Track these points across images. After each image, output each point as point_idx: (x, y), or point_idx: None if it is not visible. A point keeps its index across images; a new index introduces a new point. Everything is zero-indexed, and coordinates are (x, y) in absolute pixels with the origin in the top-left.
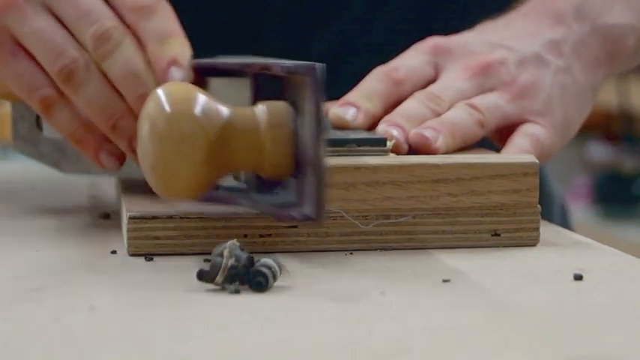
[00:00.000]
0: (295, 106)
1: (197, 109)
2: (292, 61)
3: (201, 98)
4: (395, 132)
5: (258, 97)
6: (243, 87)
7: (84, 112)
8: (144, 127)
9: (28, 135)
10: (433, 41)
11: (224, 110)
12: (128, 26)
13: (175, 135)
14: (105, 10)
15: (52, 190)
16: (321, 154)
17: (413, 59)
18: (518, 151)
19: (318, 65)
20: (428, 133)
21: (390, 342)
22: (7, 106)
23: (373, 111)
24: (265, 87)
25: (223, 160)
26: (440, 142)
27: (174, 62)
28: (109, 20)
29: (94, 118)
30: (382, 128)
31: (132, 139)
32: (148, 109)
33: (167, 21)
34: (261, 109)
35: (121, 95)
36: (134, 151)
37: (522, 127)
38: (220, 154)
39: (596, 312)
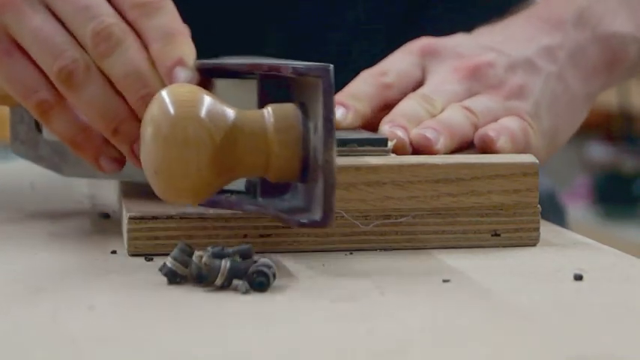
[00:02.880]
0: (304, 108)
1: (202, 112)
2: (302, 62)
3: (207, 100)
4: (400, 133)
5: (264, 98)
6: (249, 88)
7: (84, 116)
8: (147, 131)
9: (27, 137)
10: (423, 42)
11: (230, 113)
12: (130, 24)
13: (180, 138)
14: (105, 6)
15: (51, 190)
16: (331, 159)
17: (401, 62)
18: (503, 129)
19: (331, 67)
20: (429, 134)
21: (390, 342)
22: (6, 107)
23: (362, 111)
24: (272, 89)
25: (229, 165)
26: (441, 144)
27: (179, 62)
28: (109, 17)
29: (95, 121)
30: (386, 129)
31: (133, 143)
32: (152, 112)
33: (171, 19)
34: (269, 111)
35: (122, 97)
36: (136, 156)
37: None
38: (226, 158)
39: (596, 312)
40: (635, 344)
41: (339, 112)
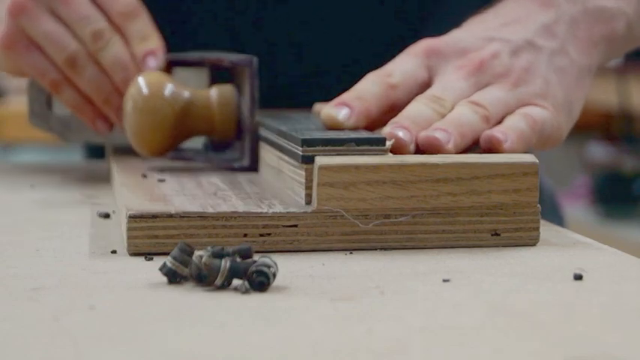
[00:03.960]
0: (239, 88)
1: (166, 91)
2: (236, 55)
3: (169, 83)
4: (401, 133)
5: (214, 82)
6: (202, 75)
7: (84, 90)
8: (128, 104)
9: (41, 112)
10: (425, 44)
11: (186, 92)
12: (116, 27)
13: (150, 110)
14: (98, 14)
15: (51, 190)
16: (254, 123)
17: (406, 63)
18: (510, 130)
19: (254, 58)
20: (439, 135)
21: (390, 342)
22: (7, 105)
23: (367, 111)
24: (219, 74)
25: (185, 128)
26: (451, 144)
27: (150, 53)
28: (101, 22)
29: (91, 94)
30: (388, 130)
31: (118, 110)
32: (131, 91)
33: (146, 24)
34: (214, 91)
35: (110, 78)
36: (120, 119)
37: (519, 109)
38: (183, 124)
39: (596, 312)
40: (635, 344)
41: (342, 113)
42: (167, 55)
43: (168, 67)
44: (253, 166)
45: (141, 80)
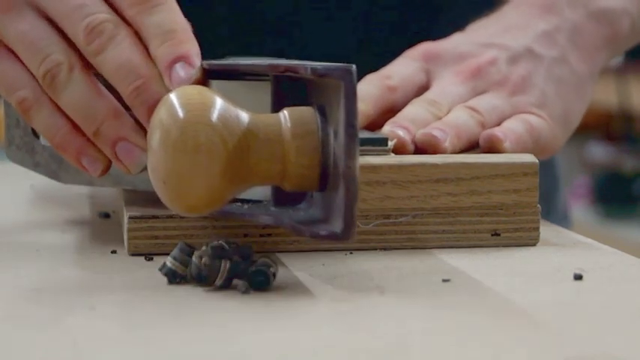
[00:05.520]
0: (323, 112)
1: (214, 116)
2: (321, 63)
3: (219, 103)
4: (401, 132)
5: (279, 101)
6: (261, 91)
7: (69, 116)
8: (155, 136)
9: (23, 142)
10: (423, 47)
11: (244, 117)
12: (129, 23)
13: (190, 145)
14: (100, 4)
15: (51, 190)
16: (354, 167)
17: (405, 66)
18: (509, 132)
19: (353, 67)
20: (437, 133)
21: (390, 342)
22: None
23: (366, 112)
24: (287, 91)
25: (243, 173)
26: (448, 143)
27: (179, 59)
28: (102, 14)
29: (78, 122)
30: (388, 129)
31: (115, 144)
32: (160, 116)
33: (172, 15)
34: (285, 115)
35: (105, 99)
36: (118, 158)
37: (518, 115)
38: (240, 166)
39: (596, 312)
40: (635, 344)
41: None
42: (208, 63)
43: (204, 80)
44: (347, 234)
45: (174, 98)
